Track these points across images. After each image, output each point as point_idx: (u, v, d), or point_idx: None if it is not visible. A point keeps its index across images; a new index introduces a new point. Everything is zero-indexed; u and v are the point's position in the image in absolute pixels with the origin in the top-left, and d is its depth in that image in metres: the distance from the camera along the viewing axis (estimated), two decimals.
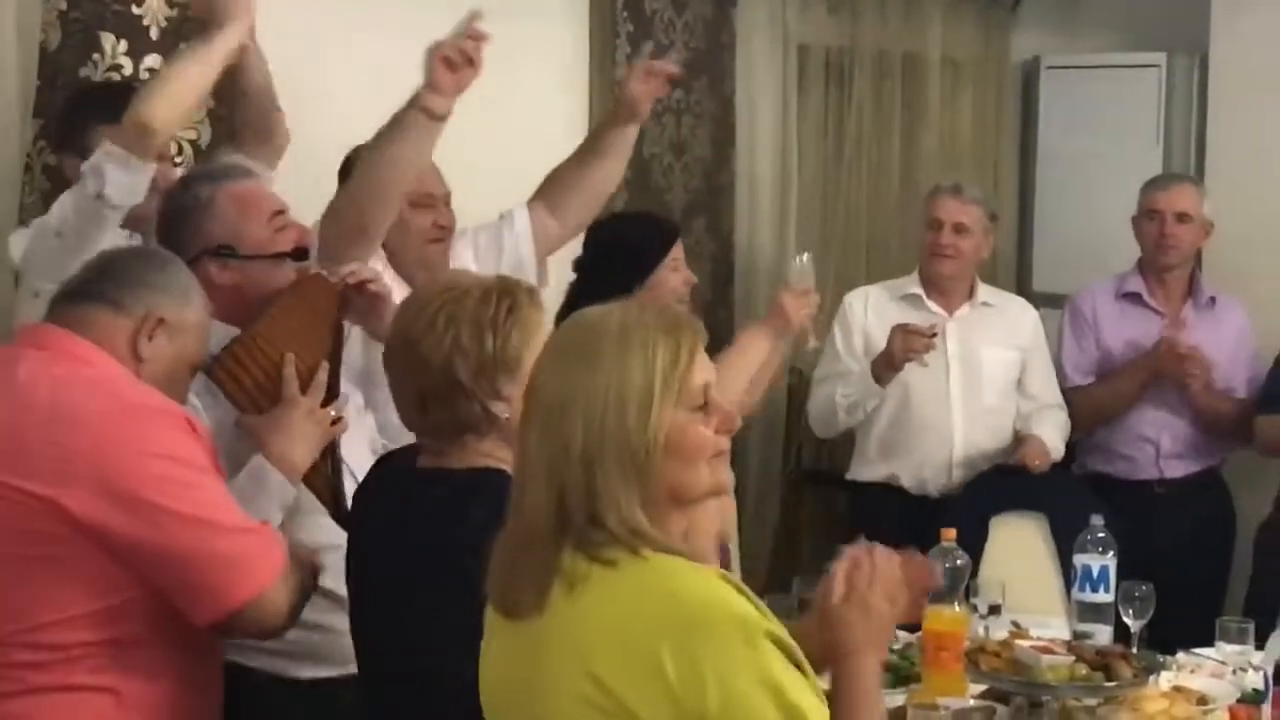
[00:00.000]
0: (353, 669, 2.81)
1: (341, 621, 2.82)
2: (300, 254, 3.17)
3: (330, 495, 3.09)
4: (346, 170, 3.74)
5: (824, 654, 2.21)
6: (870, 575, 2.25)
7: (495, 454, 2.58)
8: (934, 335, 4.70)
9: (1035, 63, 6.48)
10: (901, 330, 4.72)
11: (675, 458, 2.07)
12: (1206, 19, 5.97)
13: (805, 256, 4.14)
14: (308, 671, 3.11)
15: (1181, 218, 5.06)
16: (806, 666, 2.05)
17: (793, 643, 2.04)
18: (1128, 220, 5.24)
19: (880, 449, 4.98)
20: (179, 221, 3.13)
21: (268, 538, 2.72)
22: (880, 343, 4.83)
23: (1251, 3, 5.87)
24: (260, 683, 3.06)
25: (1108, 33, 6.52)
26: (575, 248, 4.35)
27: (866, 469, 5.02)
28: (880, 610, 2.24)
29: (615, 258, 4.25)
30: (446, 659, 2.42)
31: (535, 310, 2.63)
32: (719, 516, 2.57)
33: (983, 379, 4.96)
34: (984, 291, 5.05)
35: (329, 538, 2.98)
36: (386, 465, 2.81)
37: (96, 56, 3.84)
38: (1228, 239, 5.17)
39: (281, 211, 3.20)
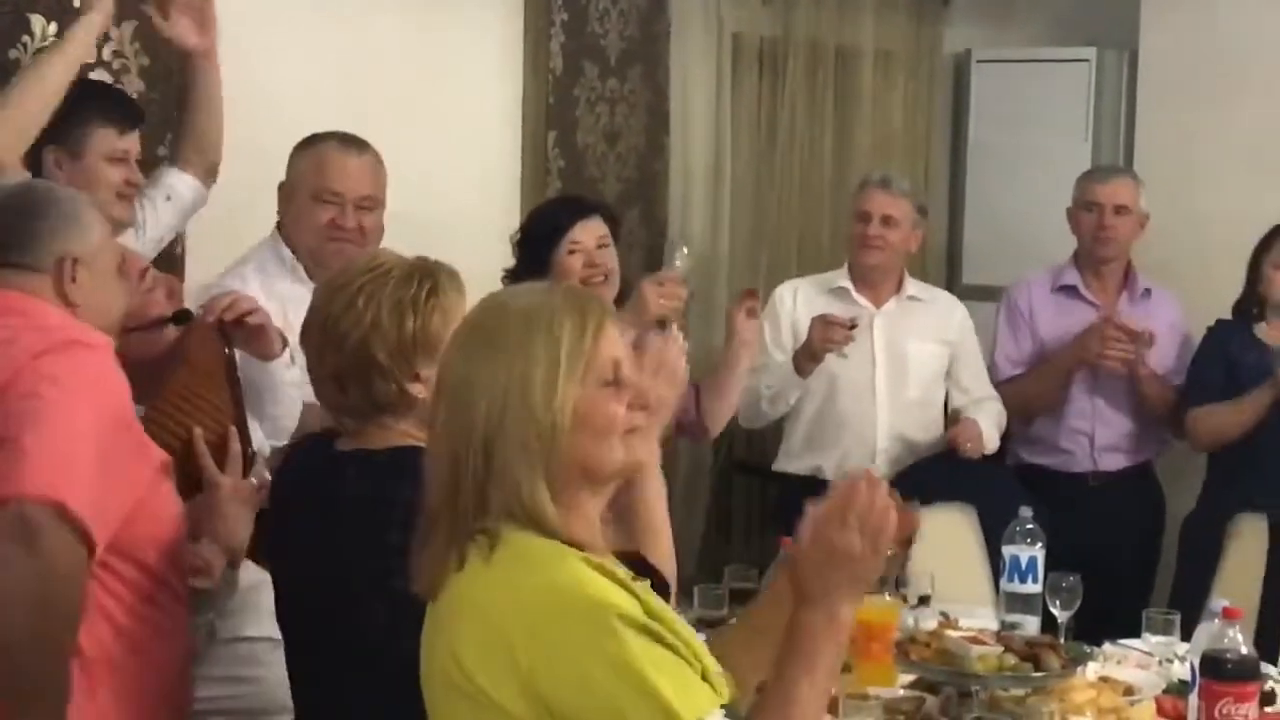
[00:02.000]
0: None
1: (280, 667, 2.76)
2: (181, 317, 3.06)
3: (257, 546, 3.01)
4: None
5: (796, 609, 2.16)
6: (845, 514, 2.15)
7: (413, 434, 2.57)
8: (854, 327, 4.70)
9: (966, 56, 6.51)
10: (821, 321, 4.72)
11: (585, 433, 2.07)
12: (1136, 14, 6.03)
13: (683, 248, 4.23)
14: None
15: (1120, 210, 5.10)
16: (680, 648, 2.01)
17: (658, 626, 2.00)
18: (1056, 213, 5.27)
19: (805, 441, 4.98)
20: None
21: (88, 519, 2.50)
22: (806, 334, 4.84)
23: None
24: None
25: (1038, 27, 6.57)
26: None
27: (792, 461, 5.01)
28: (849, 553, 2.13)
29: (524, 241, 4.25)
30: (390, 643, 2.40)
31: (456, 292, 2.61)
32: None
33: (908, 372, 4.98)
34: (911, 285, 5.06)
35: (261, 578, 2.93)
36: (301, 451, 2.78)
37: (26, 39, 3.79)
38: (1155, 233, 5.21)
39: (146, 270, 3.10)
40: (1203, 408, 4.93)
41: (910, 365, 4.98)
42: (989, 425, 4.93)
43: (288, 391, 3.30)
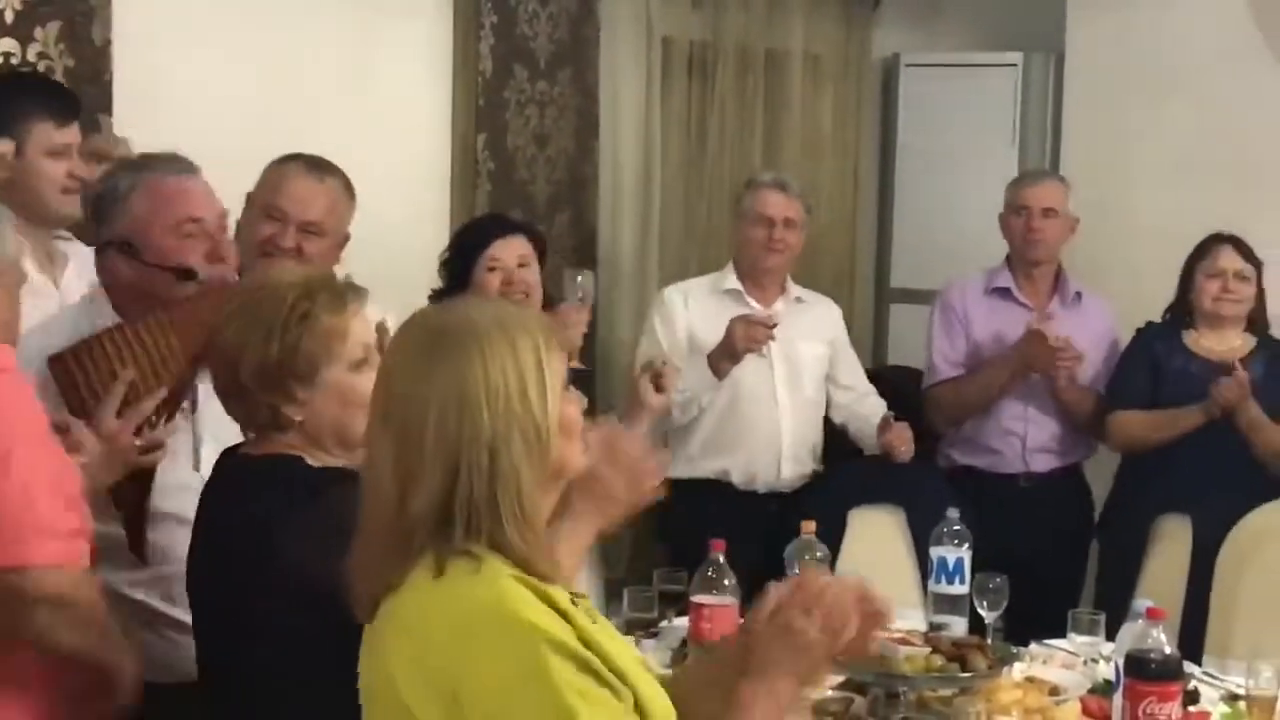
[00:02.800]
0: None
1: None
2: (186, 274, 3.04)
3: (129, 516, 3.00)
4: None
5: (743, 675, 2.15)
6: (806, 602, 2.16)
7: (297, 446, 2.58)
8: (774, 325, 4.72)
9: (895, 60, 6.55)
10: (743, 322, 4.71)
11: (564, 435, 2.09)
12: (1062, 19, 6.09)
13: (586, 274, 4.29)
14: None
15: (1048, 213, 5.13)
16: (609, 677, 1.99)
17: (587, 654, 1.98)
18: (984, 216, 5.31)
19: (706, 446, 4.94)
20: (98, 206, 3.07)
21: None
22: (705, 337, 4.82)
23: (1106, 4, 5.99)
24: None
25: (966, 32, 6.62)
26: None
27: (690, 467, 4.94)
28: (806, 637, 2.14)
29: (449, 259, 4.29)
30: (256, 653, 2.43)
31: (336, 317, 2.57)
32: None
33: (803, 373, 4.99)
34: (794, 287, 5.07)
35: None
36: (220, 458, 2.76)
37: None
38: (1082, 236, 5.25)
39: (197, 219, 3.07)
40: (1124, 413, 4.97)
41: (804, 366, 4.99)
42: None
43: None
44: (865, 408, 5.03)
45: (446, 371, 2.04)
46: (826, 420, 5.09)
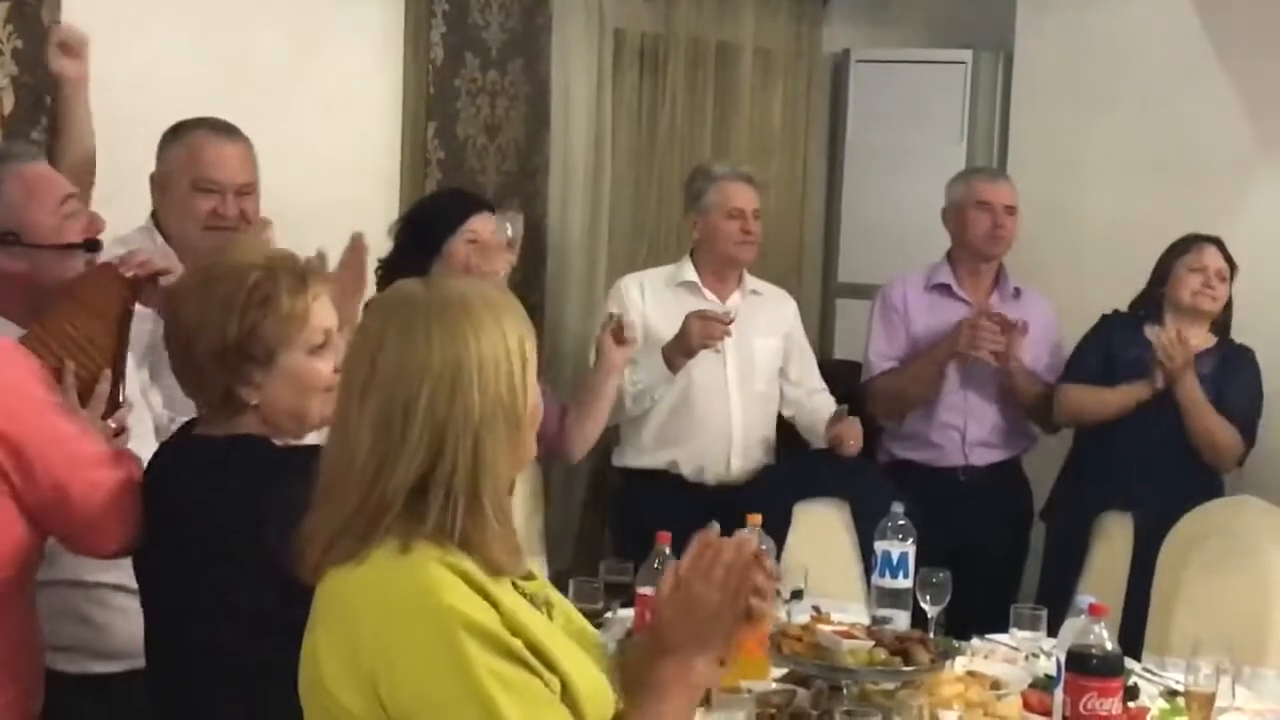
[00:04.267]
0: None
1: (130, 614, 2.77)
2: (92, 245, 3.00)
3: None
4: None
5: (650, 658, 2.14)
6: (707, 564, 2.14)
7: (254, 427, 2.56)
8: (730, 321, 4.72)
9: (845, 55, 6.57)
10: (698, 317, 4.71)
11: (531, 425, 2.10)
12: (1012, 17, 6.12)
13: (511, 217, 4.45)
14: (93, 667, 3.04)
15: (1009, 210, 5.17)
16: (534, 663, 1.99)
17: (510, 640, 1.97)
18: (931, 212, 5.33)
19: (656, 437, 4.95)
20: None
21: None
22: (660, 329, 4.82)
23: (1055, 3, 6.03)
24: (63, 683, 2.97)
25: (916, 28, 6.65)
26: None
27: (640, 457, 4.98)
28: (710, 603, 2.12)
29: (413, 229, 4.31)
30: (217, 630, 2.42)
31: (300, 300, 2.54)
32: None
33: (755, 367, 5.00)
34: (750, 280, 5.08)
35: None
36: (175, 436, 2.75)
37: None
38: (1026, 233, 5.28)
39: (72, 195, 3.04)
40: (1072, 385, 5.03)
41: (757, 360, 5.00)
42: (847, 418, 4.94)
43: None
44: (814, 403, 5.05)
45: (442, 348, 2.02)
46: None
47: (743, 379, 4.97)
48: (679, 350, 4.74)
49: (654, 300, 4.94)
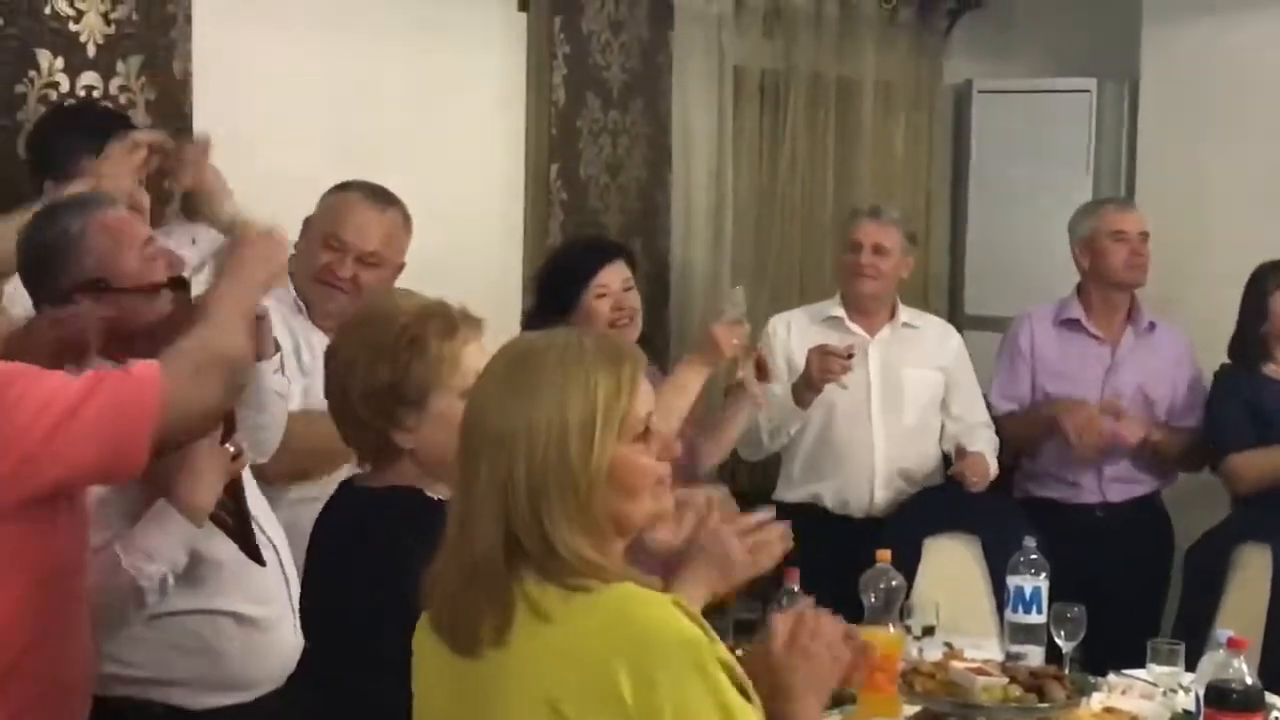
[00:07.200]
0: (258, 693, 2.82)
1: (245, 643, 2.83)
2: (178, 283, 3.01)
3: (236, 528, 3.02)
4: None
5: (765, 700, 2.17)
6: (813, 629, 2.26)
7: (410, 476, 2.57)
8: (851, 356, 4.69)
9: (967, 87, 6.53)
10: (819, 352, 4.70)
11: (618, 489, 2.06)
12: (1137, 45, 6.05)
13: (739, 289, 4.23)
14: (210, 701, 3.02)
15: (1144, 237, 5.12)
16: (752, 693, 2.06)
17: (738, 668, 2.05)
18: (1058, 244, 5.28)
19: (804, 470, 4.98)
20: (48, 257, 2.96)
21: None
22: (802, 365, 4.81)
23: (1181, 29, 5.95)
24: (158, 715, 2.99)
25: (1039, 58, 6.58)
26: None
27: (791, 489, 5.01)
28: (821, 657, 2.25)
29: (548, 283, 4.34)
30: (358, 672, 2.43)
31: (449, 344, 2.57)
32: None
33: (904, 399, 4.98)
34: (905, 313, 5.07)
35: (229, 553, 2.98)
36: (336, 491, 2.76)
37: (33, 74, 3.81)
38: (1156, 266, 5.21)
39: (151, 239, 3.06)
40: (1242, 454, 4.92)
41: (906, 392, 4.99)
42: (990, 455, 4.93)
43: (271, 397, 3.27)
44: (970, 438, 5.01)
45: (500, 413, 2.05)
46: None
47: (888, 412, 4.96)
48: (804, 385, 4.74)
49: (799, 336, 4.97)
